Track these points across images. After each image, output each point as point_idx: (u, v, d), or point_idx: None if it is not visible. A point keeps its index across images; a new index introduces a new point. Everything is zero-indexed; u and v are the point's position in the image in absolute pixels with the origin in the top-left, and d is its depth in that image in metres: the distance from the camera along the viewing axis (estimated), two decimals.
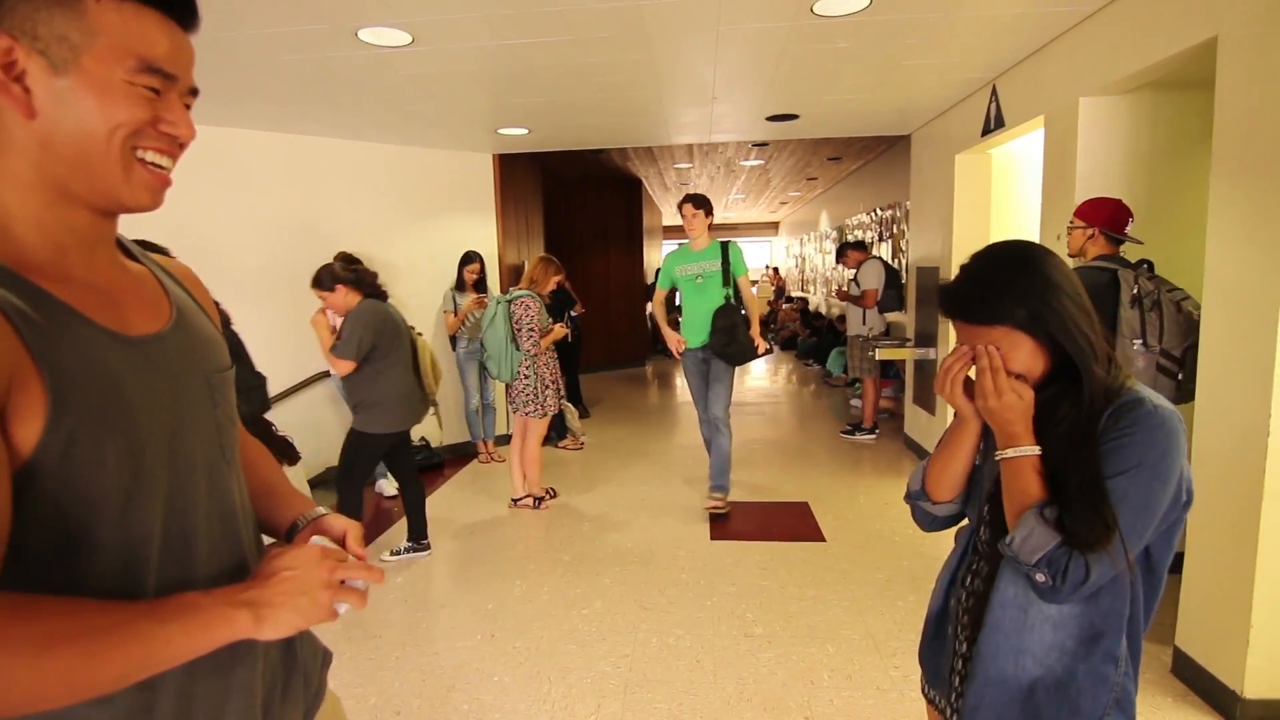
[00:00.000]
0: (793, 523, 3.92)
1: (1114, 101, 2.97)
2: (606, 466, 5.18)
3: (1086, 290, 1.03)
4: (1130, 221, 2.59)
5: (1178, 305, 2.39)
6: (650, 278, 10.14)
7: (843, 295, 5.97)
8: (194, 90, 0.73)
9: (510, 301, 4.02)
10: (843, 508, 4.12)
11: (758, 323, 4.02)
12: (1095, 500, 0.94)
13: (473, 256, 5.22)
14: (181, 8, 0.70)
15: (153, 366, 0.72)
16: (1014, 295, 1.00)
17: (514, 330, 3.99)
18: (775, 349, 11.37)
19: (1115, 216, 2.56)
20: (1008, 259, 1.03)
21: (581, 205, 9.26)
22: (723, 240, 4.02)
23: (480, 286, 5.24)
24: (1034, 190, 3.72)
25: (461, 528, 4.02)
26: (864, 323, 5.75)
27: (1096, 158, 3.02)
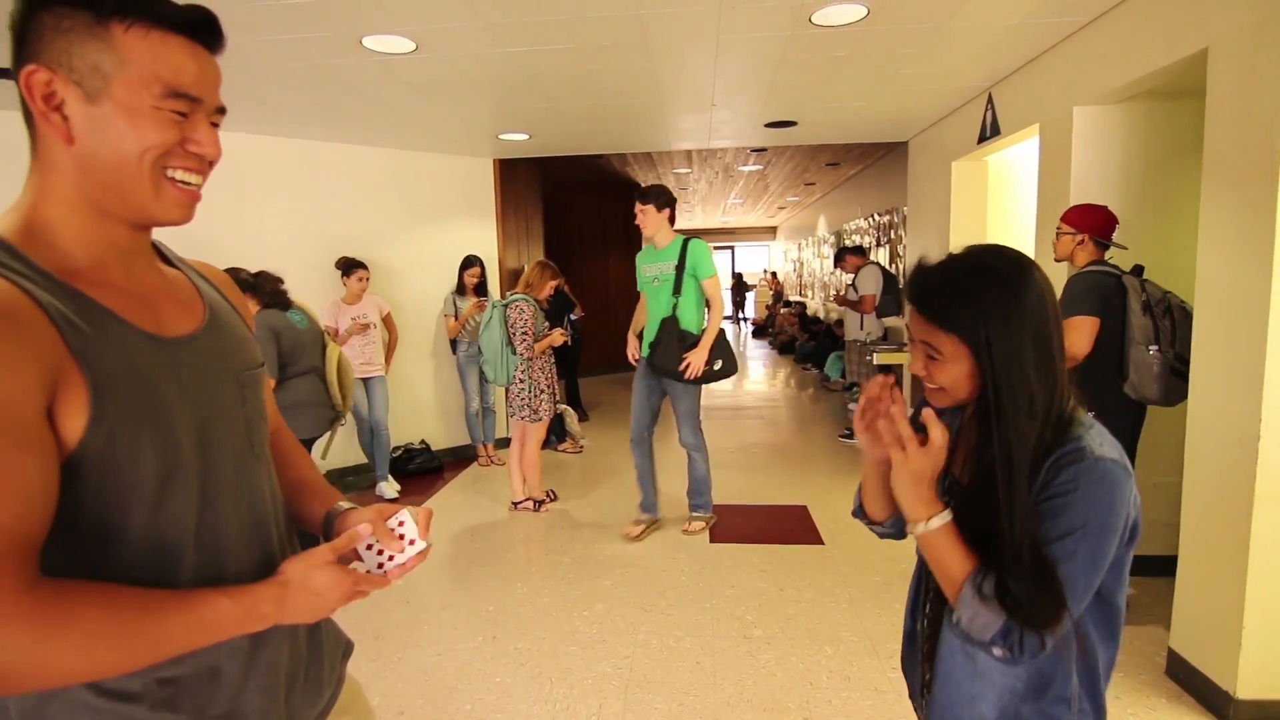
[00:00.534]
0: (791, 526, 3.94)
1: (1108, 111, 3.01)
2: (606, 469, 5.20)
3: (1096, 293, 0.99)
4: (1116, 227, 2.64)
5: (1186, 310, 2.43)
6: None
7: (841, 300, 6.00)
8: (221, 109, 0.78)
9: (506, 306, 4.04)
10: (841, 511, 4.14)
11: (712, 334, 3.51)
12: (1040, 573, 0.87)
13: (473, 260, 5.24)
14: (206, 32, 0.75)
15: (185, 365, 0.76)
16: (978, 311, 0.92)
17: (509, 334, 4.01)
18: (730, 370, 11.32)
19: (1107, 224, 2.61)
20: (991, 270, 0.94)
21: (581, 210, 9.30)
22: (686, 237, 3.60)
23: (481, 290, 5.26)
24: (1029, 197, 3.76)
25: (462, 530, 4.04)
26: (862, 327, 5.78)
27: (1091, 166, 3.06)
